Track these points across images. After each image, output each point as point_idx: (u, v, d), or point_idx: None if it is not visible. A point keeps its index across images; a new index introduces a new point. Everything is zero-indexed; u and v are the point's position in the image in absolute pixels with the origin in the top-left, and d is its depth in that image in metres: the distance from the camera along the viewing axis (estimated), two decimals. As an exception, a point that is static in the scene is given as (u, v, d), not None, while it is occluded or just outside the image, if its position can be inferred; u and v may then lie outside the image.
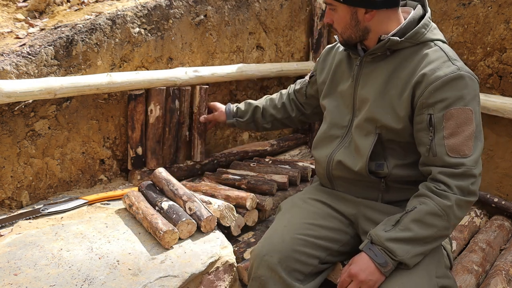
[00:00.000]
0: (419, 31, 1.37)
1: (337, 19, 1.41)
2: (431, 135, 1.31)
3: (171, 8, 2.28)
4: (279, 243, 1.41)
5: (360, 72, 1.48)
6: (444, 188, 1.28)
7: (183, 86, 2.30)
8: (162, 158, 2.28)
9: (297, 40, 3.02)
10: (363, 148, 1.44)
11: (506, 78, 2.26)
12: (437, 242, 1.32)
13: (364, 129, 1.45)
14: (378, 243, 1.30)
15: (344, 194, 1.56)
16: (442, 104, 1.29)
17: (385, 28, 1.39)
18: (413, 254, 1.27)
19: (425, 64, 1.34)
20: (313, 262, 1.43)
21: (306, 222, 1.49)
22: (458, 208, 1.28)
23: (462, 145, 1.28)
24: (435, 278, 1.31)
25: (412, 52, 1.38)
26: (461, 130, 1.28)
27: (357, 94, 1.49)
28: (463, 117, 1.28)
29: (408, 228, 1.28)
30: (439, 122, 1.30)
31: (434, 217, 1.27)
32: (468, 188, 1.27)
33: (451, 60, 1.32)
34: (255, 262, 1.42)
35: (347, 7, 1.37)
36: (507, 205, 2.26)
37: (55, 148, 2.01)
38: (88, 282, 1.39)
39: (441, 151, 1.29)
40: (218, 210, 1.77)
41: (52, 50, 1.90)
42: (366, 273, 1.28)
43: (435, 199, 1.28)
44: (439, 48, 1.36)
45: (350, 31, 1.41)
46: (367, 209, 1.50)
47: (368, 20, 1.37)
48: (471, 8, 2.33)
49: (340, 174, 1.52)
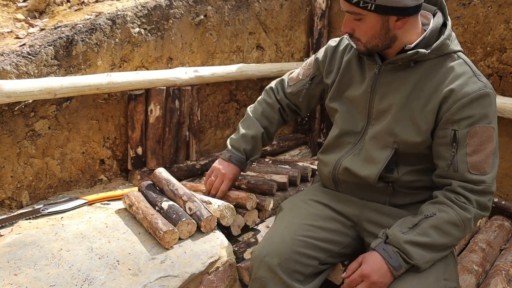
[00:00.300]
0: (444, 42, 1.32)
1: (364, 29, 1.31)
2: (453, 151, 1.30)
3: (171, 8, 2.28)
4: (279, 244, 1.41)
5: (378, 81, 1.41)
6: (465, 200, 1.29)
7: (183, 86, 2.30)
8: (162, 158, 2.28)
9: (297, 40, 3.02)
10: (377, 159, 1.41)
11: (506, 78, 2.26)
12: (448, 250, 1.34)
13: (380, 142, 1.41)
14: (395, 244, 1.28)
15: (347, 195, 1.54)
16: (468, 121, 1.28)
17: (409, 36, 1.33)
18: (427, 259, 1.27)
19: (451, 78, 1.30)
20: (313, 263, 1.43)
21: (307, 223, 1.48)
22: (475, 221, 1.30)
23: (483, 162, 1.29)
24: (443, 280, 1.31)
25: (435, 63, 1.34)
26: (483, 148, 1.29)
27: (373, 103, 1.43)
28: (486, 135, 1.29)
29: (426, 233, 1.27)
30: (463, 139, 1.29)
31: (453, 226, 1.28)
32: (485, 204, 1.30)
33: (477, 76, 1.31)
34: (255, 263, 1.42)
35: (378, 16, 1.27)
36: (507, 205, 2.26)
37: (55, 148, 2.01)
38: (88, 282, 1.38)
39: (463, 168, 1.29)
40: (218, 210, 1.77)
41: (52, 50, 1.90)
42: (379, 275, 1.27)
43: (456, 209, 1.28)
44: (463, 62, 1.34)
45: (378, 40, 1.32)
46: (372, 211, 1.48)
47: (399, 28, 1.30)
48: (471, 8, 2.33)
49: (346, 179, 1.51)
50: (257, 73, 2.64)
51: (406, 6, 1.25)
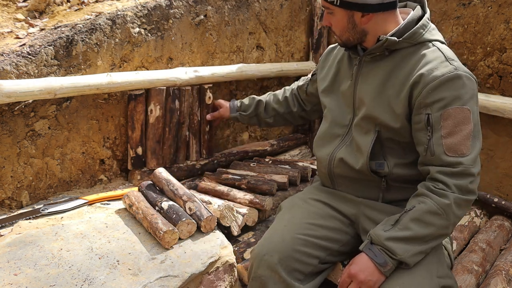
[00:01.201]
0: (417, 31, 1.38)
1: (335, 22, 1.43)
2: (429, 135, 1.32)
3: (171, 8, 2.28)
4: (279, 243, 1.41)
5: (359, 72, 1.49)
6: (443, 187, 1.29)
7: (183, 86, 2.30)
8: (162, 158, 2.28)
9: (297, 40, 3.02)
10: (363, 145, 1.45)
11: (506, 78, 2.26)
12: (437, 240, 1.32)
13: (363, 127, 1.46)
14: (378, 243, 1.30)
15: (344, 193, 1.56)
16: (440, 104, 1.30)
17: (383, 29, 1.40)
18: (413, 253, 1.28)
19: (422, 64, 1.34)
20: (313, 262, 1.43)
21: (306, 222, 1.49)
22: (457, 206, 1.28)
23: (460, 144, 1.29)
24: (436, 277, 1.31)
25: (410, 52, 1.39)
26: (459, 130, 1.29)
27: (356, 93, 1.50)
28: (461, 116, 1.29)
29: (407, 227, 1.29)
30: (437, 122, 1.30)
31: (433, 215, 1.27)
32: (466, 187, 1.28)
33: (449, 60, 1.33)
34: (255, 262, 1.42)
35: (344, 11, 1.38)
36: (507, 205, 2.26)
37: (55, 148, 2.01)
38: (88, 282, 1.39)
39: (439, 151, 1.30)
40: (218, 210, 1.77)
41: (52, 50, 1.90)
42: (366, 274, 1.29)
43: (434, 198, 1.28)
44: (436, 49, 1.37)
45: (348, 34, 1.43)
46: (368, 208, 1.50)
47: (364, 23, 1.39)
48: (471, 8, 2.33)
49: (341, 172, 1.52)
50: (257, 73, 2.64)
51: (367, 3, 1.34)
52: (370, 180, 1.48)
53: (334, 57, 1.66)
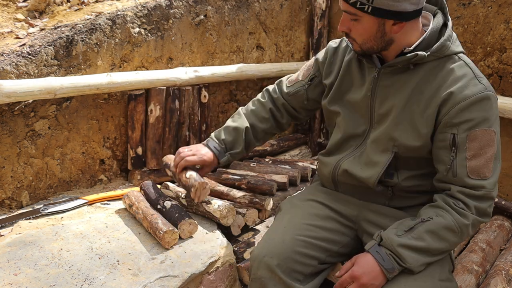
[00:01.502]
0: (445, 44, 1.29)
1: (360, 30, 1.29)
2: (453, 155, 1.28)
3: (171, 8, 2.28)
4: (279, 244, 1.41)
5: (378, 84, 1.39)
6: (463, 206, 1.27)
7: (183, 86, 2.30)
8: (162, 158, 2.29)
9: (297, 40, 3.02)
10: (376, 163, 1.40)
11: (506, 78, 2.26)
12: (443, 255, 1.33)
13: (380, 145, 1.40)
14: (389, 247, 1.27)
15: (346, 196, 1.54)
16: (468, 125, 1.25)
17: (408, 39, 1.30)
18: (421, 263, 1.27)
19: (451, 81, 1.28)
20: (312, 263, 1.43)
21: (306, 223, 1.48)
22: (473, 227, 1.28)
23: (483, 167, 1.27)
24: (439, 281, 1.31)
25: (435, 66, 1.31)
26: (484, 152, 1.26)
27: (374, 107, 1.41)
28: (487, 139, 1.26)
29: (421, 237, 1.27)
30: (463, 143, 1.26)
31: (449, 232, 1.26)
32: (485, 211, 1.27)
33: (478, 78, 1.28)
34: (254, 263, 1.42)
35: (375, 19, 1.25)
36: (507, 205, 2.26)
37: (55, 148, 2.01)
38: (88, 282, 1.38)
39: (462, 172, 1.27)
40: (218, 210, 1.77)
41: (52, 50, 1.90)
42: (369, 277, 1.26)
43: (454, 215, 1.27)
44: (464, 64, 1.31)
45: (373, 43, 1.31)
46: (370, 212, 1.49)
47: (395, 32, 1.27)
48: (471, 8, 2.33)
49: (346, 180, 1.50)
50: (257, 73, 2.64)
51: (404, 11, 1.22)
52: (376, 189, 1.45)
53: (340, 60, 1.54)
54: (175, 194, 1.91)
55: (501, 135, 2.27)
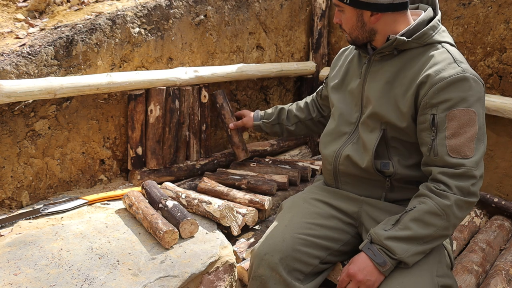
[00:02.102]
0: (426, 32, 1.38)
1: (345, 20, 1.45)
2: (433, 135, 1.32)
3: (171, 8, 2.28)
4: (280, 243, 1.41)
5: (368, 70, 1.50)
6: (444, 188, 1.29)
7: (183, 86, 2.30)
8: (162, 158, 2.28)
9: (297, 40, 3.02)
10: (368, 143, 1.46)
11: (506, 78, 2.26)
12: (437, 241, 1.32)
13: (369, 125, 1.47)
14: (377, 242, 1.30)
15: (347, 192, 1.56)
16: (446, 105, 1.30)
17: (393, 29, 1.41)
18: (412, 252, 1.28)
19: (430, 64, 1.35)
20: (313, 261, 1.43)
21: (307, 221, 1.49)
22: (458, 208, 1.28)
23: (464, 146, 1.28)
24: (436, 277, 1.31)
25: (419, 53, 1.40)
26: (463, 131, 1.29)
27: (364, 92, 1.51)
28: (466, 118, 1.29)
29: (407, 227, 1.29)
30: (442, 122, 1.30)
31: (433, 216, 1.27)
32: (468, 189, 1.28)
33: (457, 62, 1.33)
34: (255, 261, 1.42)
35: (353, 9, 1.40)
36: (507, 205, 2.26)
37: (55, 148, 2.01)
38: (88, 282, 1.39)
39: (442, 151, 1.30)
40: (218, 210, 1.77)
41: (52, 50, 1.90)
42: (364, 273, 1.29)
43: (435, 198, 1.28)
44: (445, 50, 1.37)
45: (357, 32, 1.45)
46: (370, 207, 1.50)
47: (373, 22, 1.40)
48: (471, 8, 2.33)
49: (346, 170, 1.53)
50: (257, 73, 2.64)
51: (378, 3, 1.36)
52: (374, 179, 1.48)
53: (346, 57, 1.68)
54: (175, 194, 1.91)
55: (501, 135, 2.29)
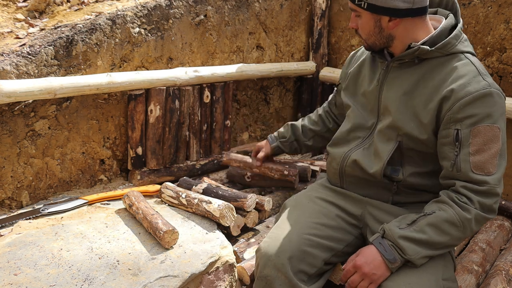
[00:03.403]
0: (450, 41, 1.34)
1: (361, 25, 1.41)
2: (457, 151, 1.29)
3: (171, 8, 2.28)
4: (287, 243, 1.41)
5: (386, 77, 1.46)
6: (466, 201, 1.27)
7: (183, 86, 2.30)
8: (162, 158, 2.28)
9: (297, 40, 3.02)
10: (382, 153, 1.43)
11: (506, 78, 2.26)
12: (446, 249, 1.33)
13: (386, 135, 1.44)
14: (390, 238, 1.29)
15: (351, 193, 1.55)
16: (471, 120, 1.27)
17: (412, 36, 1.37)
18: (422, 255, 1.27)
19: (454, 78, 1.31)
20: (318, 262, 1.43)
21: (312, 221, 1.48)
22: (476, 222, 1.28)
23: (487, 162, 1.27)
24: (442, 280, 1.31)
25: (440, 63, 1.36)
26: (487, 148, 1.27)
27: (381, 99, 1.47)
28: (491, 134, 1.27)
29: (423, 230, 1.28)
30: (466, 138, 1.28)
31: (451, 226, 1.27)
32: (490, 206, 1.27)
33: (482, 75, 1.30)
34: (261, 261, 1.41)
35: (371, 15, 1.36)
36: (507, 205, 2.26)
37: (55, 148, 2.01)
38: (88, 282, 1.38)
39: (465, 167, 1.28)
40: (218, 209, 1.77)
41: (52, 50, 1.90)
42: (371, 267, 1.28)
43: (456, 209, 1.27)
44: (469, 62, 1.33)
45: (374, 38, 1.41)
46: (375, 209, 1.49)
47: (392, 28, 1.36)
48: (471, 8, 2.33)
49: (352, 172, 1.52)
50: (257, 73, 2.64)
51: (396, 8, 1.31)
52: (381, 184, 1.47)
53: (357, 59, 1.65)
54: (176, 194, 1.91)
55: (501, 135, 2.29)
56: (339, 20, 3.00)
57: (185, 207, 1.88)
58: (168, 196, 1.94)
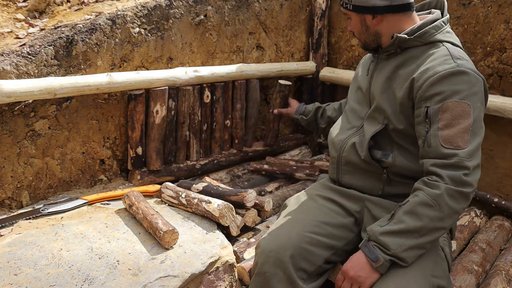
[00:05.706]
0: (428, 31, 1.42)
1: (353, 27, 1.54)
2: (427, 127, 1.34)
3: (171, 8, 2.28)
4: (286, 241, 1.42)
5: (376, 68, 1.57)
6: (436, 178, 1.29)
7: (183, 86, 2.30)
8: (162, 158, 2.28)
9: (297, 40, 3.02)
10: (366, 134, 1.50)
11: (506, 78, 2.26)
12: (433, 234, 1.30)
13: (373, 119, 1.52)
14: (373, 238, 1.32)
15: (350, 190, 1.58)
16: (439, 97, 1.32)
17: (397, 30, 1.46)
18: (406, 247, 1.27)
19: (427, 61, 1.39)
20: (317, 260, 1.44)
21: (312, 219, 1.50)
22: (450, 197, 1.26)
23: (456, 136, 1.29)
24: (431, 277, 1.31)
25: (420, 51, 1.44)
26: (457, 123, 1.29)
27: (371, 88, 1.57)
28: (459, 110, 1.30)
29: (400, 220, 1.29)
30: (435, 114, 1.32)
31: (425, 207, 1.27)
32: (460, 178, 1.26)
33: (453, 58, 1.35)
34: (260, 258, 1.42)
35: (357, 15, 1.49)
36: (507, 205, 2.26)
37: (55, 148, 2.01)
38: (88, 282, 1.39)
39: (435, 142, 1.31)
40: (218, 209, 1.77)
41: (52, 50, 1.90)
42: (356, 270, 1.31)
43: (426, 189, 1.29)
44: (445, 48, 1.40)
45: (364, 36, 1.53)
46: (372, 204, 1.52)
47: (376, 25, 1.48)
48: (471, 8, 2.33)
49: (348, 157, 1.56)
50: (257, 73, 2.64)
51: (375, 6, 1.43)
52: (372, 171, 1.51)
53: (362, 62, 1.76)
54: (175, 194, 1.91)
55: (501, 135, 2.29)
56: (339, 20, 2.99)
57: (184, 207, 1.88)
58: (168, 196, 1.94)
